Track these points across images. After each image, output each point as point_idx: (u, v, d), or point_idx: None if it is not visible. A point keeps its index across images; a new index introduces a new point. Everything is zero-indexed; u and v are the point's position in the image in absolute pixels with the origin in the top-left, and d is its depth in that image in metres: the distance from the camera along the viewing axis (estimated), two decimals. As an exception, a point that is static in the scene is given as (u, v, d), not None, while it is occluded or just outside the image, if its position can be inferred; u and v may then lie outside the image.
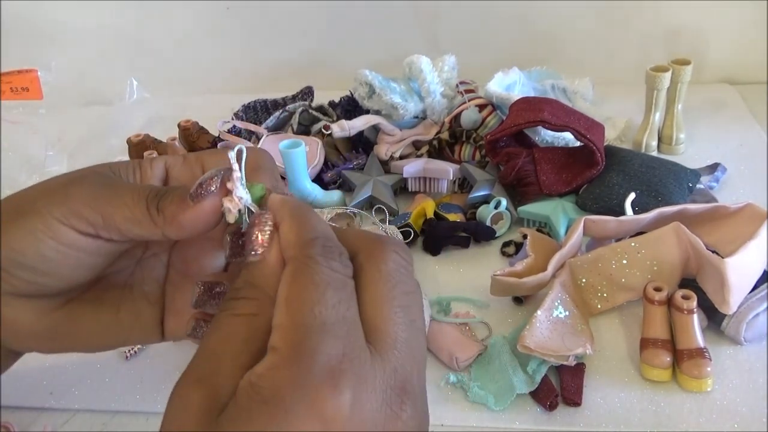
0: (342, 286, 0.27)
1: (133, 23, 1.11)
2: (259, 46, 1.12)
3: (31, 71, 0.88)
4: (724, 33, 1.00)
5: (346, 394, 0.24)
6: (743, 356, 0.56)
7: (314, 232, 0.28)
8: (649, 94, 0.83)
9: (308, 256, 0.27)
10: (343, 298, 0.26)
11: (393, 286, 0.28)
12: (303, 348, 0.25)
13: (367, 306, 0.27)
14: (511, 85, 0.87)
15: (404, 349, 0.27)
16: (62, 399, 0.57)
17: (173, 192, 0.31)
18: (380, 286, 0.28)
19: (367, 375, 0.25)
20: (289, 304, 0.26)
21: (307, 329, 0.25)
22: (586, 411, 0.52)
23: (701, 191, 0.74)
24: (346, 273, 0.28)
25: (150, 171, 0.35)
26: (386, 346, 0.27)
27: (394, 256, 0.29)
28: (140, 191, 0.32)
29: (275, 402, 0.24)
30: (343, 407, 0.24)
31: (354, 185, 0.77)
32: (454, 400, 0.54)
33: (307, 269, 0.27)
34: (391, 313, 0.27)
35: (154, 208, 0.31)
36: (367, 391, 0.25)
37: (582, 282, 0.61)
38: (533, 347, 0.52)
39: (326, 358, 0.25)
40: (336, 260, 0.27)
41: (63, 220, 0.31)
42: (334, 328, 0.25)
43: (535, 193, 0.74)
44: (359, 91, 0.87)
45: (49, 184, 0.33)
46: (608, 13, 1.01)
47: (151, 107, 1.07)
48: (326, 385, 0.24)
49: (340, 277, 0.27)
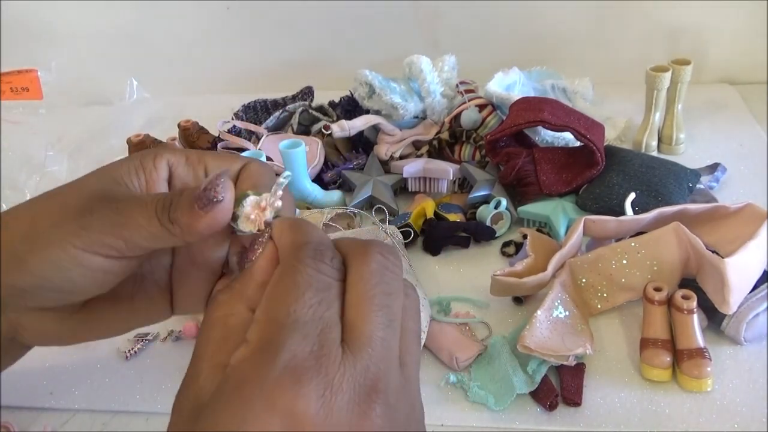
0: (326, 288, 0.28)
1: (133, 23, 1.11)
2: (259, 46, 1.12)
3: (31, 71, 0.88)
4: (724, 33, 1.00)
5: (307, 390, 0.24)
6: (743, 356, 0.56)
7: (307, 237, 0.29)
8: (649, 94, 0.83)
9: (297, 259, 0.28)
10: (324, 299, 0.27)
11: (373, 286, 0.28)
12: (270, 343, 0.26)
13: (349, 306, 0.28)
14: (511, 85, 0.87)
15: (379, 348, 0.27)
16: (62, 399, 0.57)
17: (181, 201, 0.31)
18: (360, 286, 0.28)
19: (335, 373, 0.25)
20: (268, 301, 0.27)
21: (279, 326, 0.26)
22: (586, 411, 0.52)
23: (701, 191, 0.74)
24: (333, 275, 0.28)
25: (155, 173, 0.35)
26: (360, 345, 0.27)
27: (378, 257, 0.29)
28: (149, 208, 0.32)
29: (237, 396, 0.25)
30: (305, 403, 0.24)
31: (354, 185, 0.77)
32: (454, 400, 0.54)
33: (292, 270, 0.28)
34: (368, 312, 0.28)
35: (167, 221, 0.31)
36: (333, 388, 0.25)
37: (582, 282, 0.61)
38: (533, 347, 0.52)
39: (290, 354, 0.25)
40: (325, 263, 0.28)
41: (87, 249, 0.32)
42: (305, 327, 0.26)
43: (535, 193, 0.74)
44: (359, 91, 0.87)
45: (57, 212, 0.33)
46: (608, 13, 1.01)
47: (151, 107, 1.07)
48: (286, 380, 0.24)
49: (325, 279, 0.28)
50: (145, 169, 0.35)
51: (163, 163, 0.36)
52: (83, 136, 1.00)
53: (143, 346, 0.61)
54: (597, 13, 1.01)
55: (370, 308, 0.28)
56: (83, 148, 0.96)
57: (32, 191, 0.86)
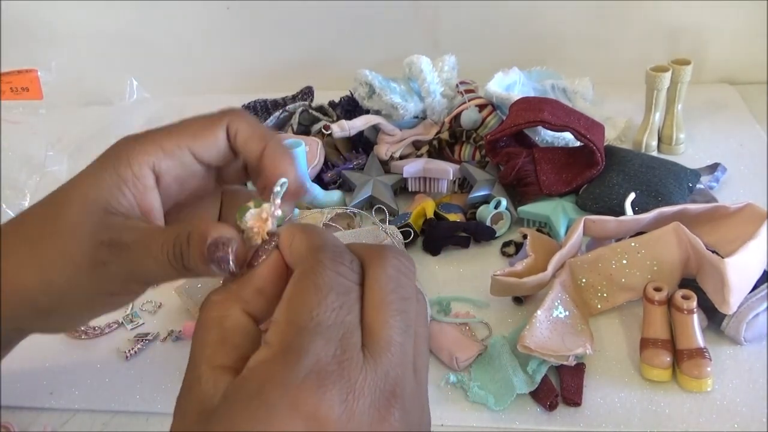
0: (346, 291, 0.27)
1: (133, 23, 1.11)
2: (259, 46, 1.12)
3: (31, 71, 0.88)
4: (724, 33, 1.00)
5: (330, 394, 0.25)
6: (743, 356, 0.56)
7: (323, 241, 0.29)
8: (649, 94, 0.83)
9: (317, 260, 0.28)
10: (345, 303, 0.27)
11: (391, 291, 0.28)
12: (293, 347, 0.25)
13: (367, 310, 0.28)
14: (511, 85, 0.87)
15: (398, 353, 0.27)
16: (62, 399, 0.57)
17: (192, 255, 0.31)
18: (378, 290, 0.28)
19: (357, 377, 0.26)
20: (289, 303, 0.27)
21: (301, 329, 0.26)
22: (586, 411, 0.52)
23: (701, 191, 0.74)
24: (353, 279, 0.28)
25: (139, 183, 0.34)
26: (380, 350, 0.27)
27: (394, 262, 0.29)
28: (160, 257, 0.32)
29: (259, 398, 0.25)
30: (328, 407, 0.24)
31: (354, 185, 0.77)
32: (454, 400, 0.54)
33: (313, 272, 0.27)
34: (387, 317, 0.28)
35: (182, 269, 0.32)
36: (355, 393, 0.25)
37: (582, 282, 0.61)
38: (533, 347, 0.52)
39: (314, 359, 0.25)
40: (345, 265, 0.28)
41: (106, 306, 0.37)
42: (328, 331, 0.26)
43: (535, 193, 0.74)
44: (359, 91, 0.87)
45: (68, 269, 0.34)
46: (608, 13, 1.01)
47: (151, 107, 1.07)
48: (310, 384, 0.25)
49: (346, 282, 0.28)
50: (127, 183, 0.34)
51: (145, 170, 0.34)
52: (83, 136, 1.00)
53: (143, 346, 0.61)
54: (597, 13, 1.01)
55: (388, 313, 0.28)
56: (83, 148, 0.96)
57: (32, 191, 0.86)
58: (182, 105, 1.07)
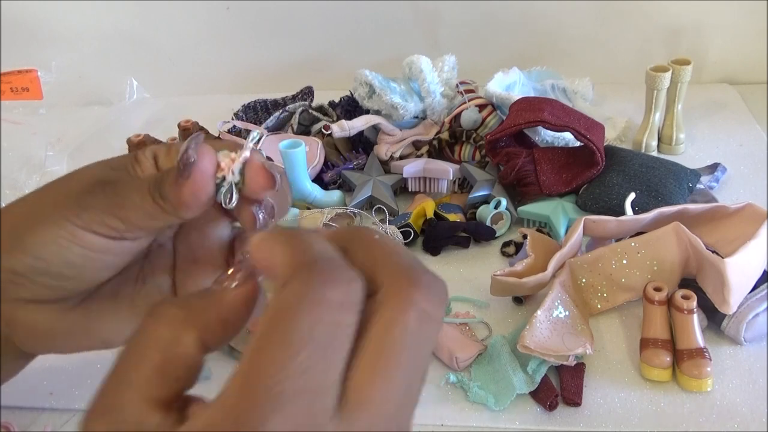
0: (328, 342, 0.21)
1: (133, 23, 1.11)
2: (259, 46, 1.12)
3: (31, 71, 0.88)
4: (724, 33, 1.00)
5: None
6: (743, 356, 0.56)
7: (311, 256, 0.22)
8: (649, 94, 0.83)
9: (295, 294, 0.21)
10: (323, 359, 0.21)
11: (400, 352, 0.22)
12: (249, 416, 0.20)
13: (359, 365, 0.22)
14: (511, 85, 0.87)
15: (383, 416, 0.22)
16: (62, 399, 0.57)
17: (167, 175, 0.32)
18: (384, 348, 0.22)
19: None
20: (251, 360, 0.21)
21: (261, 399, 0.20)
22: (586, 411, 0.52)
23: (701, 191, 0.74)
24: (349, 308, 0.22)
25: (146, 163, 0.35)
26: (359, 413, 0.21)
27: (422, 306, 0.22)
28: (142, 187, 0.32)
29: None
30: None
31: (354, 185, 0.77)
32: (454, 400, 0.54)
33: (284, 317, 0.21)
34: (386, 379, 0.22)
35: (159, 197, 0.31)
36: None
37: (582, 282, 0.61)
38: (533, 347, 0.52)
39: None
40: (337, 293, 0.21)
41: (85, 227, 0.32)
42: (293, 401, 0.20)
43: (535, 193, 0.74)
44: (359, 91, 0.87)
45: (57, 195, 0.33)
46: (608, 13, 1.01)
47: (151, 107, 1.07)
48: None
49: (330, 329, 0.21)
50: (139, 161, 0.35)
51: (149, 155, 0.35)
52: (83, 136, 1.00)
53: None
54: (597, 13, 1.01)
55: (387, 373, 0.22)
56: (83, 148, 0.96)
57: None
58: (182, 105, 1.07)
